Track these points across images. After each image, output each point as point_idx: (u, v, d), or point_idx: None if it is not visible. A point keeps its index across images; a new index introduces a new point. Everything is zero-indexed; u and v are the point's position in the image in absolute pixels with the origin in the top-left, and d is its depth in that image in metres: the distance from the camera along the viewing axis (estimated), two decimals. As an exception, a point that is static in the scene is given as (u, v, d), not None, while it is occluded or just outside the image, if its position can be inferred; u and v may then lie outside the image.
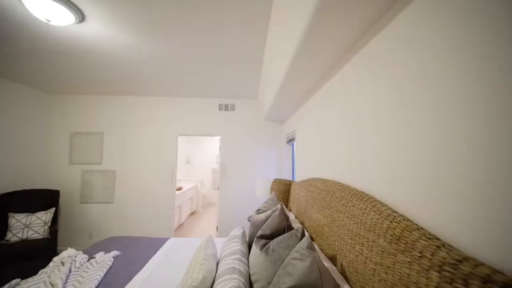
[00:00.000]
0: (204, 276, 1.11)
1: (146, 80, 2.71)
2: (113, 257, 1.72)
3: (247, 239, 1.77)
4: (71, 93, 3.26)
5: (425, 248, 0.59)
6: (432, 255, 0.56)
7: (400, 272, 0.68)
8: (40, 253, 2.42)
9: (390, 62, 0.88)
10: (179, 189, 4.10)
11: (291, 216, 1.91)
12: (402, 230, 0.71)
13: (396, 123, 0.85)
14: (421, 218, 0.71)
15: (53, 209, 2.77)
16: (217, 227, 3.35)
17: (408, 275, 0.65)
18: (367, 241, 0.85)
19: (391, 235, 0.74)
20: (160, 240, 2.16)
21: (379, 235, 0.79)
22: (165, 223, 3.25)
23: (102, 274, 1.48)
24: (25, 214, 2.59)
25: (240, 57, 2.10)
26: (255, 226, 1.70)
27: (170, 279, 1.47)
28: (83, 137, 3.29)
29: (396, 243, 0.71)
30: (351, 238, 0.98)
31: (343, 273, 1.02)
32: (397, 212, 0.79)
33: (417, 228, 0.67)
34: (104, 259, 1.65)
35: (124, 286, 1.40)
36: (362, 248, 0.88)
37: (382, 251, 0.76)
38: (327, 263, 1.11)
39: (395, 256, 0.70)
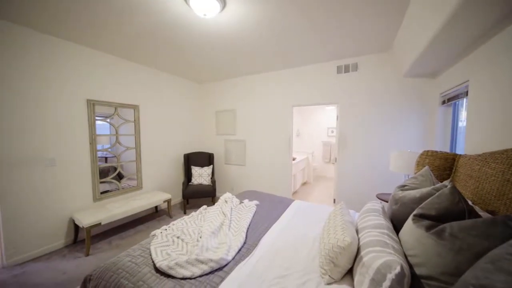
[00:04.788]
0: (351, 241, 1.06)
1: (266, 56, 2.88)
2: (255, 205, 2.13)
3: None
4: (212, 81, 4.23)
5: None
6: None
7: None
8: (207, 193, 3.56)
9: None
10: (293, 159, 4.33)
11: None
12: None
13: None
14: None
15: (211, 166, 3.93)
16: (334, 199, 3.24)
17: None
18: None
19: None
20: (287, 199, 2.40)
21: None
22: (285, 187, 3.61)
23: (251, 215, 1.89)
24: (198, 167, 3.87)
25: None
26: (402, 203, 1.41)
27: (303, 232, 1.59)
28: (223, 114, 4.25)
29: None
30: None
31: None
32: None
33: None
34: (250, 205, 2.09)
35: (268, 229, 1.69)
36: None
37: None
38: None
39: None
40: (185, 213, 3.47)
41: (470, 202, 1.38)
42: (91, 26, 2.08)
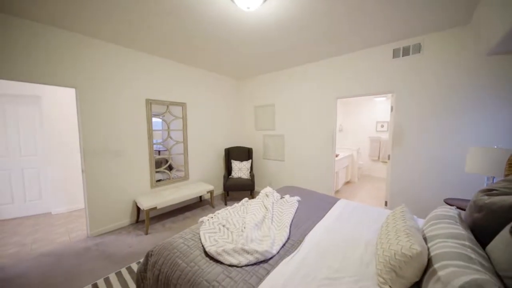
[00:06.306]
0: (421, 250, 0.90)
1: (309, 45, 2.72)
2: (297, 201, 2.06)
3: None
4: (251, 76, 4.27)
5: None
6: None
7: None
8: (246, 187, 3.64)
9: None
10: (336, 156, 4.03)
11: None
12: None
13: None
14: None
15: (250, 160, 4.00)
16: (385, 201, 2.88)
17: None
18: None
19: None
20: (332, 198, 2.24)
21: None
22: (326, 184, 3.40)
23: (293, 211, 1.83)
24: (238, 161, 3.99)
25: None
26: (489, 211, 1.13)
27: (353, 234, 1.45)
28: (262, 109, 4.25)
29: None
30: None
31: None
32: None
33: None
34: (292, 200, 2.03)
35: (313, 227, 1.61)
36: None
37: None
38: None
39: None
40: (226, 204, 3.64)
41: None
42: (145, 33, 2.33)
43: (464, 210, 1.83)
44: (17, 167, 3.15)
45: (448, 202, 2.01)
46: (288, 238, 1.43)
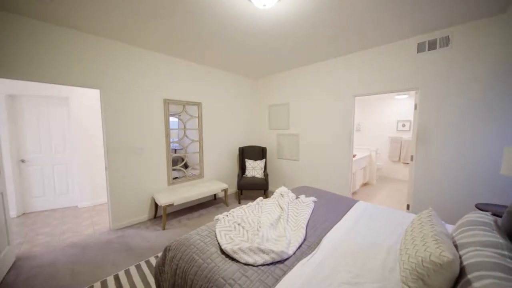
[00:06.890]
0: (452, 258, 0.83)
1: (326, 42, 2.64)
2: (313, 202, 2.01)
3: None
4: (265, 75, 4.24)
5: None
6: None
7: None
8: (260, 186, 3.63)
9: None
10: (353, 156, 3.89)
11: None
12: None
13: None
14: None
15: (264, 160, 3.99)
16: (408, 205, 2.73)
17: None
18: None
19: None
20: (350, 199, 2.16)
21: None
22: (343, 186, 3.29)
23: (309, 212, 1.78)
24: (252, 160, 3.99)
25: None
26: (533, 218, 1.02)
27: (374, 238, 1.38)
28: (276, 108, 4.22)
29: None
30: None
31: None
32: None
33: None
34: (308, 201, 1.98)
35: (330, 229, 1.56)
36: None
37: None
38: None
39: None
40: (239, 203, 3.66)
41: None
42: (165, 35, 2.40)
43: (499, 216, 1.67)
44: (48, 163, 3.41)
45: (480, 207, 1.85)
46: (305, 239, 1.40)
